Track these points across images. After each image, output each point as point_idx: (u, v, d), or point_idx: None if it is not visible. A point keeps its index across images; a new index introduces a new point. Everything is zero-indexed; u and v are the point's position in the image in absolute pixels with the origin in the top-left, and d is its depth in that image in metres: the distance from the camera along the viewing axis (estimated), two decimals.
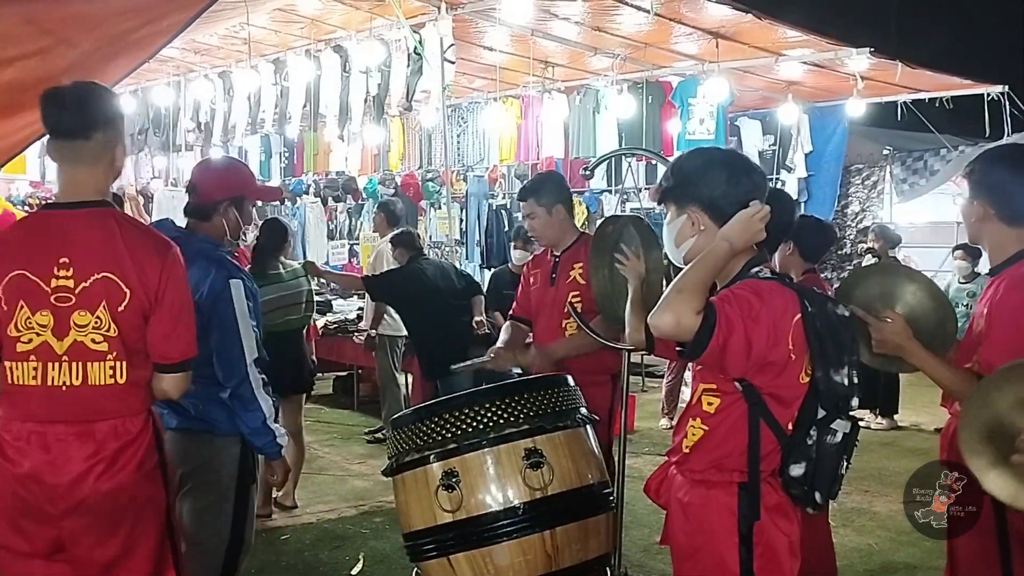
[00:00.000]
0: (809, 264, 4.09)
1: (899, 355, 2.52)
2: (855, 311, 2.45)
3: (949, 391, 2.52)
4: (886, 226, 8.92)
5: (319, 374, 9.31)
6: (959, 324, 2.71)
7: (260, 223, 5.64)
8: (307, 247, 11.96)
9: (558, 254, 3.97)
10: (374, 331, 7.09)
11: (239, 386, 2.97)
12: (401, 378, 7.37)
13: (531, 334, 4.14)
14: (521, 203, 4.13)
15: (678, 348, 2.22)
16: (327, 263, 12.35)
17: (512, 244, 7.27)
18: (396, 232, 6.58)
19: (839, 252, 11.84)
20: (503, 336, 4.12)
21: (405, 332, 6.62)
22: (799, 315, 2.12)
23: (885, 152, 12.01)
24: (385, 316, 6.93)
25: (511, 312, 4.23)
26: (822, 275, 4.56)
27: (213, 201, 3.12)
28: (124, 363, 2.39)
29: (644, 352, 2.98)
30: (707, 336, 2.03)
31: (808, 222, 4.23)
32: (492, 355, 3.96)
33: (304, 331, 5.63)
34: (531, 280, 4.11)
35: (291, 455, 5.41)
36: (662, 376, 8.39)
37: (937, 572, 4.64)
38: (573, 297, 3.81)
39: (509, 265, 7.43)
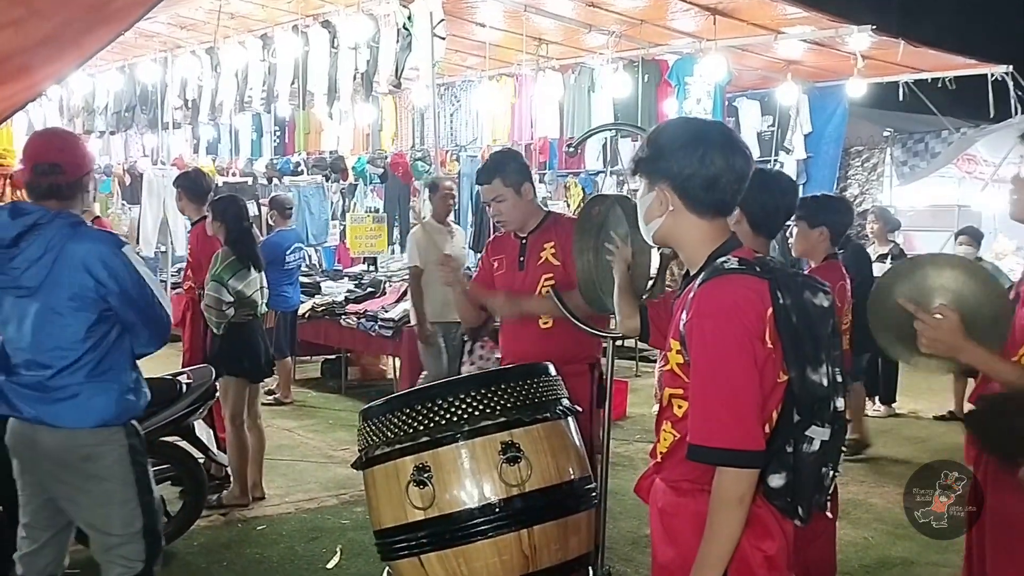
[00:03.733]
0: (833, 248, 3.86)
1: (951, 356, 2.29)
2: (904, 304, 2.24)
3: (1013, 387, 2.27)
4: (885, 209, 8.73)
5: (308, 357, 9.26)
6: None
7: (216, 200, 5.39)
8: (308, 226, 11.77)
9: (524, 236, 3.70)
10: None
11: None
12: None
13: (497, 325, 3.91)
14: (483, 187, 3.72)
15: None
16: (324, 243, 12.20)
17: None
18: None
19: None
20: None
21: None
22: (770, 308, 1.91)
23: (885, 134, 11.85)
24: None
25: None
26: None
27: (80, 176, 3.01)
28: None
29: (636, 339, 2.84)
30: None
31: (834, 202, 4.04)
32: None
33: (262, 318, 5.41)
34: (494, 265, 3.79)
35: (253, 444, 5.28)
36: (656, 361, 8.24)
37: (935, 567, 4.53)
38: (546, 280, 3.57)
39: None
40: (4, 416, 2.97)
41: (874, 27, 8.42)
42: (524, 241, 3.70)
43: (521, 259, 3.69)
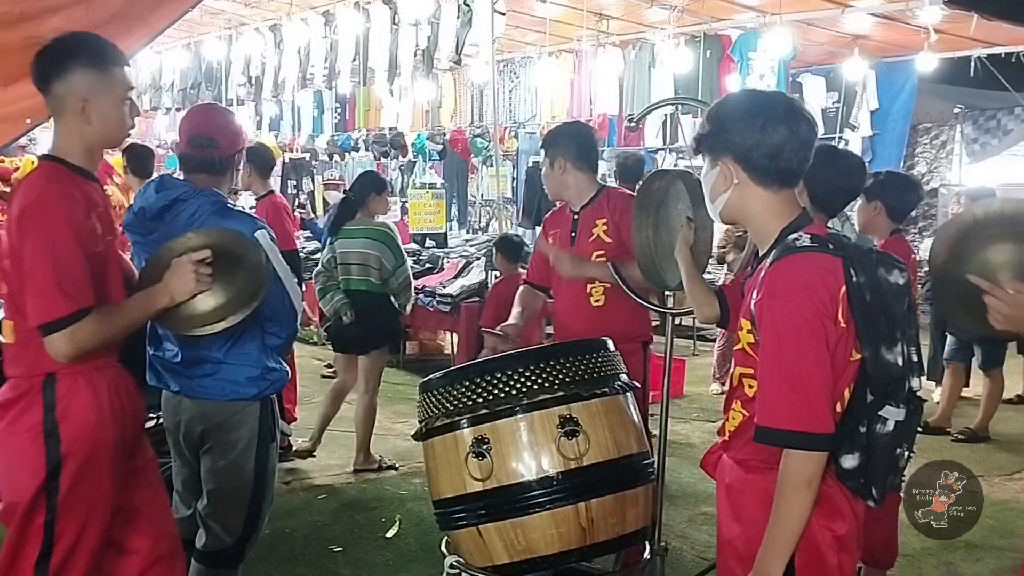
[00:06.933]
0: (895, 224, 3.87)
1: None
2: (976, 282, 2.16)
3: None
4: (975, 189, 7.87)
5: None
6: None
7: (357, 175, 5.69)
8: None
9: (577, 211, 3.71)
10: None
11: (292, 337, 3.03)
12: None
13: (551, 303, 3.91)
14: None
15: None
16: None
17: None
18: None
19: None
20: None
21: None
22: (843, 286, 1.87)
23: (956, 110, 11.50)
24: None
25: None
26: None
27: (232, 153, 3.03)
28: (13, 322, 2.37)
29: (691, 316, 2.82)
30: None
31: (896, 179, 4.00)
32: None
33: (386, 295, 5.40)
34: (549, 240, 3.80)
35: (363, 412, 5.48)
36: (714, 340, 8.18)
37: (999, 551, 4.44)
38: (597, 256, 3.58)
39: None
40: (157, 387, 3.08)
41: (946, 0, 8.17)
42: (576, 216, 3.71)
43: (573, 234, 3.71)
